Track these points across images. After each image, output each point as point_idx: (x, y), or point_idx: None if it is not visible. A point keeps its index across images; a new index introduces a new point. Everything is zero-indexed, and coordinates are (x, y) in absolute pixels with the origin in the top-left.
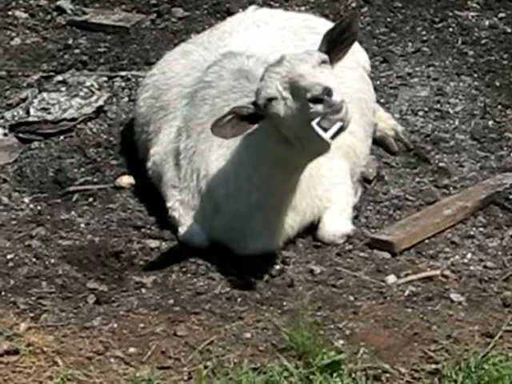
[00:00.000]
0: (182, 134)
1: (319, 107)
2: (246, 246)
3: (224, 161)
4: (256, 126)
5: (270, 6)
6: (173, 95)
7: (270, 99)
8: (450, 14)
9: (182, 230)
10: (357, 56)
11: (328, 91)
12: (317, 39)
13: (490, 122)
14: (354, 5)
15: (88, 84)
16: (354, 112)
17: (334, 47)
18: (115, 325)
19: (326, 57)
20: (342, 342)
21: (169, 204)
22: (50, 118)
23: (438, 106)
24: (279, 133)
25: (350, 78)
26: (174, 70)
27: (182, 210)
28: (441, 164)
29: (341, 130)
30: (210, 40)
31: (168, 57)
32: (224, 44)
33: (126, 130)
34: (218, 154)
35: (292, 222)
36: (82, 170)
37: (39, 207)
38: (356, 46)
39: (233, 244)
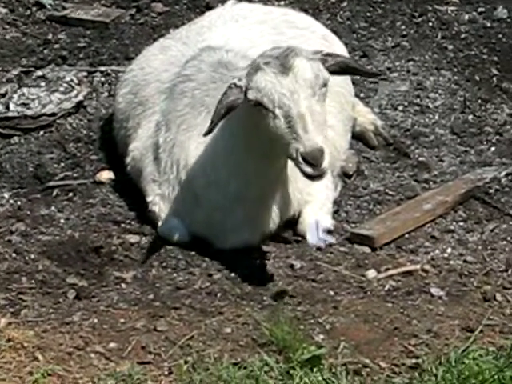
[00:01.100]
0: (160, 128)
1: (308, 169)
2: (227, 239)
3: (203, 149)
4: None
5: (249, 1)
6: (151, 91)
7: (261, 104)
8: (430, 8)
9: (161, 225)
10: (335, 50)
11: (321, 156)
12: (296, 33)
13: (470, 117)
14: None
15: (68, 79)
16: (333, 106)
17: (340, 72)
18: (95, 320)
19: (328, 78)
20: (322, 336)
21: (149, 198)
22: (29, 113)
23: (418, 100)
24: (253, 119)
25: None
26: (152, 65)
27: (163, 205)
28: (421, 158)
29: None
30: (188, 35)
31: (146, 52)
32: (202, 39)
33: (106, 125)
34: (197, 142)
35: (274, 215)
36: (62, 165)
37: (19, 202)
38: (335, 39)
39: (213, 238)
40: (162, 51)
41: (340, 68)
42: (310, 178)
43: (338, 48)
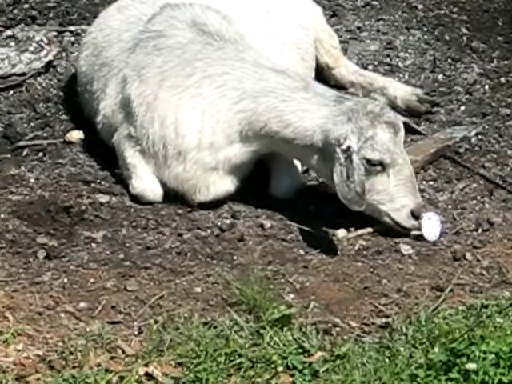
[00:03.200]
0: (130, 82)
1: (414, 223)
2: (209, 192)
3: (201, 112)
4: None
5: None
6: (115, 51)
7: (381, 164)
8: None
9: (135, 182)
10: (296, 4)
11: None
12: None
13: (440, 76)
14: None
15: (37, 39)
16: (293, 59)
17: None
18: (65, 280)
19: None
20: (292, 296)
21: (126, 153)
22: None
23: (388, 60)
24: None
25: (286, 24)
26: (111, 26)
27: (143, 160)
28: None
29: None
30: None
31: (104, 13)
32: None
33: (76, 85)
34: (192, 104)
35: (251, 166)
36: (32, 124)
37: None
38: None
39: (192, 191)
40: (119, 11)
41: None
42: (405, 229)
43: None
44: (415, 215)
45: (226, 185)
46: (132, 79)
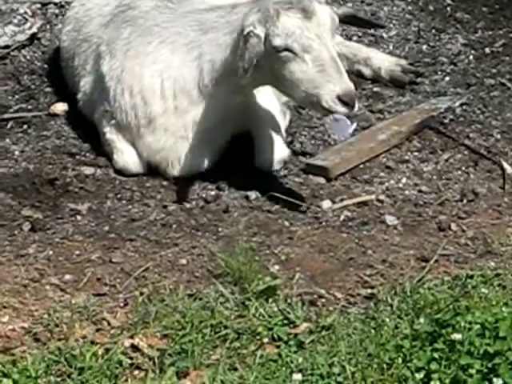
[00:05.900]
0: (104, 56)
1: (344, 109)
2: (181, 165)
3: (160, 76)
4: None
5: None
6: (94, 26)
7: (289, 50)
8: None
9: (117, 156)
10: None
11: (355, 96)
12: None
13: (424, 47)
14: None
15: (21, 11)
16: None
17: (343, 21)
18: (50, 252)
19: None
20: (277, 267)
21: (105, 129)
22: None
23: (372, 30)
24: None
25: None
26: (93, 0)
27: (120, 134)
28: (375, 89)
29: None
30: None
31: None
32: None
33: (60, 59)
34: (152, 70)
35: (225, 135)
36: (17, 97)
37: None
38: None
39: (165, 164)
40: None
41: (345, 17)
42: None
43: None
44: (343, 101)
45: (198, 157)
46: (104, 54)
